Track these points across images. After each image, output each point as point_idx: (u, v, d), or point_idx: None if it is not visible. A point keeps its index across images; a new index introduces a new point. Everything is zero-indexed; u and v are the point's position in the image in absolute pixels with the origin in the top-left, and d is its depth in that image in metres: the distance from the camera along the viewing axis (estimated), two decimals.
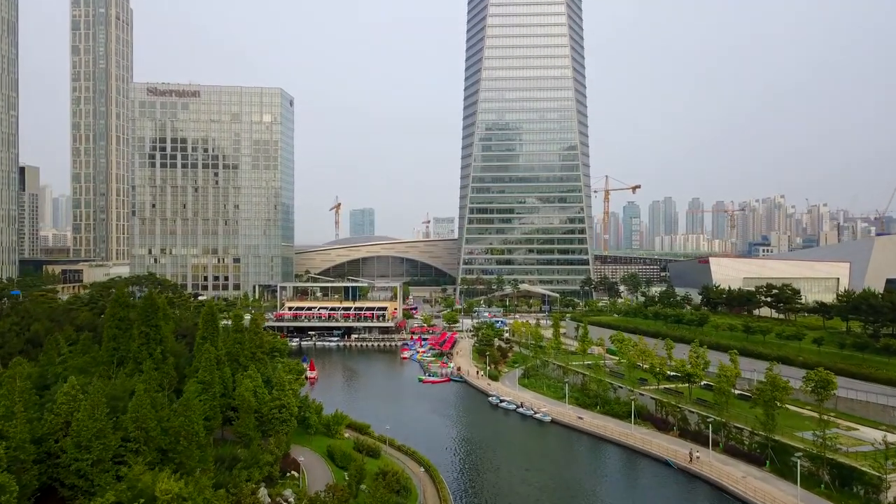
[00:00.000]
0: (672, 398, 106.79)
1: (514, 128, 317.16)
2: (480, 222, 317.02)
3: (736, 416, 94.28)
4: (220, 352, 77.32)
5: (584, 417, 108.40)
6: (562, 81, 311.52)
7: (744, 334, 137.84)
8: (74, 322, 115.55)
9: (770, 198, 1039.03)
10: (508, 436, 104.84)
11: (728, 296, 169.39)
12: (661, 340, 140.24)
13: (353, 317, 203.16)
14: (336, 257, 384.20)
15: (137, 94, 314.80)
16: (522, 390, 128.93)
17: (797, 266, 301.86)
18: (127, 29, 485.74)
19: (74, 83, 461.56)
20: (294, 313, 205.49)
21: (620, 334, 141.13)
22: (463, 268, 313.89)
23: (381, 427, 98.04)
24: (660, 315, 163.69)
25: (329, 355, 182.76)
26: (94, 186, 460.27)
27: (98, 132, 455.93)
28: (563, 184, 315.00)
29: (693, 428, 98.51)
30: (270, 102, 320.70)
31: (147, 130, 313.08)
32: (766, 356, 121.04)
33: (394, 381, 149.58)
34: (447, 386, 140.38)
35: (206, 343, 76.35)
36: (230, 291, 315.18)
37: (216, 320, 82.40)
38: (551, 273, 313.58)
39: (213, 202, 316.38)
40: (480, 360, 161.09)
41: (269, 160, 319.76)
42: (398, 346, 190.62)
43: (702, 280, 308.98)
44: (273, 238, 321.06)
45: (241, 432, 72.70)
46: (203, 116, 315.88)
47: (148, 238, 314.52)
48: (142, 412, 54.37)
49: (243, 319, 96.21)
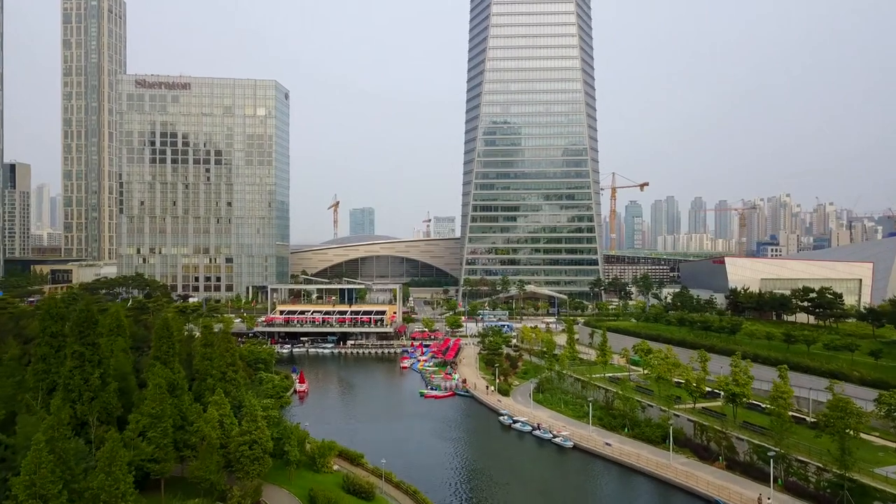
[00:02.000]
0: (716, 422, 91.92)
1: (519, 121, 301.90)
2: (484, 220, 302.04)
3: (796, 445, 79.73)
4: (176, 374, 62.86)
5: (612, 443, 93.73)
6: (570, 73, 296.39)
7: (784, 344, 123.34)
8: (23, 334, 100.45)
9: (776, 196, 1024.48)
10: (525, 466, 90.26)
11: (759, 299, 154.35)
12: (691, 350, 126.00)
13: (349, 321, 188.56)
14: (333, 257, 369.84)
15: (125, 86, 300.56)
16: (537, 407, 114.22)
17: (817, 266, 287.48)
18: (120, 22, 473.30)
19: (66, 78, 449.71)
20: (286, 317, 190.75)
21: (645, 343, 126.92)
22: (466, 268, 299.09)
23: (377, 455, 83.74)
24: (685, 321, 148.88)
25: (323, 364, 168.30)
26: (85, 184, 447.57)
27: (90, 128, 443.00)
28: (570, 180, 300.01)
29: (743, 458, 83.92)
30: (264, 95, 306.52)
31: (135, 124, 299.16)
32: (813, 370, 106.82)
33: (392, 396, 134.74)
34: (452, 401, 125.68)
35: (157, 365, 61.89)
36: (222, 293, 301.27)
37: (172, 335, 67.91)
38: (558, 274, 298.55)
39: (205, 199, 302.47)
40: (487, 370, 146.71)
41: (264, 155, 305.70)
42: (397, 353, 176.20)
43: (717, 281, 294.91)
44: (267, 237, 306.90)
45: (200, 476, 58.26)
46: (194, 110, 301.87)
47: (136, 237, 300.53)
48: (40, 472, 39.94)
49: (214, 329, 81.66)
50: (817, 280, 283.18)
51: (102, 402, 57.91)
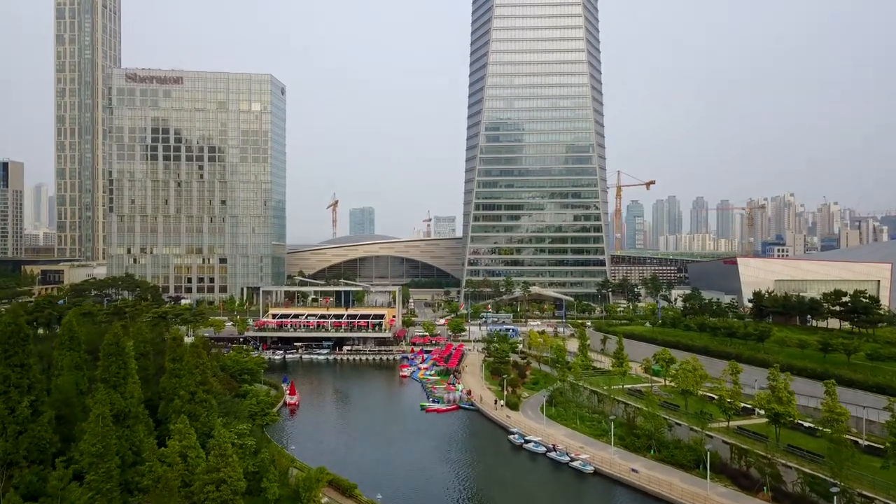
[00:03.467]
0: (758, 445, 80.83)
1: (523, 116, 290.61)
2: (487, 220, 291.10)
3: (858, 477, 68.92)
4: (127, 400, 52.27)
5: (639, 469, 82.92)
6: (576, 66, 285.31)
7: (819, 353, 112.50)
8: None
9: (779, 196, 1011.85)
10: (540, 495, 79.42)
11: (784, 303, 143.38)
12: (715, 360, 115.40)
13: (345, 326, 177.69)
14: (332, 257, 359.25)
15: (115, 80, 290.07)
16: (550, 424, 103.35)
17: (833, 267, 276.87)
18: (114, 17, 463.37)
19: (59, 74, 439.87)
20: (278, 321, 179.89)
21: (667, 352, 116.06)
22: (468, 269, 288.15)
23: (373, 483, 73.18)
24: (705, 326, 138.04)
25: (317, 372, 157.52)
26: (79, 182, 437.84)
27: (84, 125, 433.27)
28: (577, 178, 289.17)
29: (792, 489, 73.15)
30: (260, 90, 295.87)
31: (125, 120, 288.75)
32: (859, 384, 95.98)
33: (391, 409, 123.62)
34: (455, 416, 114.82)
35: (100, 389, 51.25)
36: (216, 294, 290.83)
37: (124, 353, 57.18)
38: (564, 275, 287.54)
39: (198, 197, 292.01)
40: (493, 379, 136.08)
41: (259, 152, 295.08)
42: (397, 360, 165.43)
43: (729, 283, 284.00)
44: (262, 237, 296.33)
45: None
46: (186, 105, 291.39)
47: (127, 236, 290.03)
48: None
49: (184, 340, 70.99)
50: (834, 281, 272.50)
51: (32, 437, 47.45)
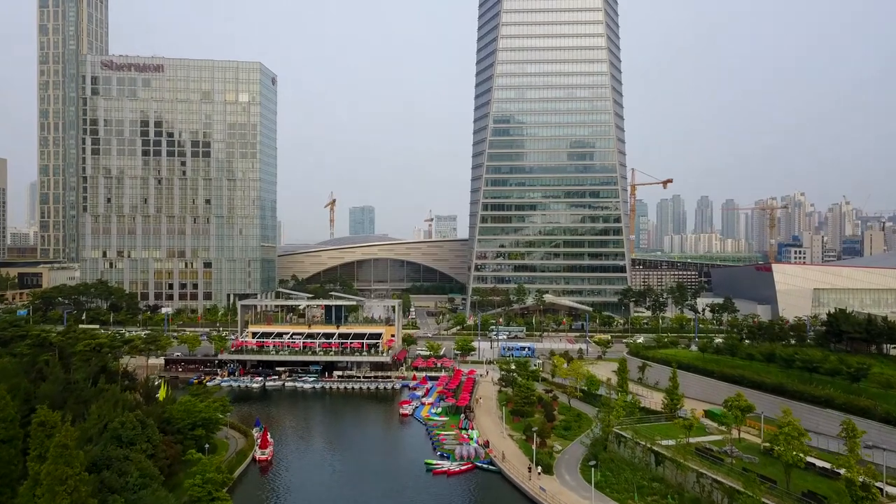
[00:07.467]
0: None
1: (536, 108, 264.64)
2: (495, 221, 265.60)
3: None
4: None
5: None
6: (595, 52, 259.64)
7: None
8: None
9: (790, 195, 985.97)
10: None
11: (868, 326, 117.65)
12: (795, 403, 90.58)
13: (335, 347, 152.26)
14: (328, 260, 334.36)
15: (90, 67, 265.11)
16: (600, 498, 77.88)
17: (877, 275, 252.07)
18: (101, 6, 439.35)
19: (42, 66, 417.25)
20: (258, 342, 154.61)
21: (742, 397, 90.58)
22: (474, 275, 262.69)
23: None
24: (774, 357, 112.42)
25: (301, 405, 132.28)
26: (63, 180, 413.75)
27: (68, 120, 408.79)
28: (594, 175, 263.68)
29: None
30: (248, 79, 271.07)
31: (100, 111, 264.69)
32: None
33: (389, 468, 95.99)
34: (471, 479, 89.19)
35: None
36: (200, 301, 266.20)
37: None
38: (580, 282, 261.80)
39: (180, 196, 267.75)
40: (513, 420, 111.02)
41: (247, 147, 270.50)
42: (396, 389, 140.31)
43: (761, 291, 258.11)
44: (251, 238, 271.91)
45: None
46: (167, 95, 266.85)
47: (102, 238, 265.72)
48: None
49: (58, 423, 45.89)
50: (880, 290, 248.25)
51: None
